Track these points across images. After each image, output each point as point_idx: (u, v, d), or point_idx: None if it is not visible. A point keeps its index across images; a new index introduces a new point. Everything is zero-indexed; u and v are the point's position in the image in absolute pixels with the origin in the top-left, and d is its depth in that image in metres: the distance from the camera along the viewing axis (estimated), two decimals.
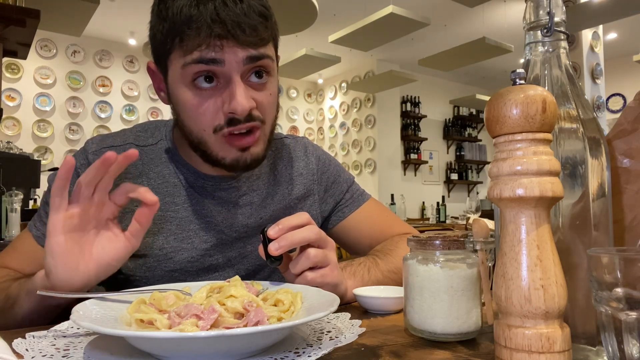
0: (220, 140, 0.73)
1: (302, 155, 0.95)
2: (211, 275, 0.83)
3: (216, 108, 0.71)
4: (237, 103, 0.69)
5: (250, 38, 0.69)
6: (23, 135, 5.41)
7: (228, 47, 0.68)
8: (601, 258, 0.38)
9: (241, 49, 0.69)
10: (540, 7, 0.49)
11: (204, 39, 0.67)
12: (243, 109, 0.69)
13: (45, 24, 3.32)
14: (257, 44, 0.70)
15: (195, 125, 0.73)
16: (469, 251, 0.54)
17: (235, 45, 0.68)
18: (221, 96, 0.71)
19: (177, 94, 0.73)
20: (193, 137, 0.75)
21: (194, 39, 0.67)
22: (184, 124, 0.75)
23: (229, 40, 0.68)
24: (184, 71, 0.70)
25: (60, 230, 0.59)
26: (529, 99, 0.39)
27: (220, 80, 0.71)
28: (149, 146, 0.84)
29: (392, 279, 0.81)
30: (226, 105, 0.70)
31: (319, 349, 0.44)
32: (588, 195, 0.46)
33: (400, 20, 4.13)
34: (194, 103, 0.71)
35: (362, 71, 7.07)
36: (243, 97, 0.69)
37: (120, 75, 6.06)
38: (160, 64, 0.75)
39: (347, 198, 0.97)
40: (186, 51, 0.69)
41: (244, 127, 0.71)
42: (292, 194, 0.91)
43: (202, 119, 0.72)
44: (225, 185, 0.84)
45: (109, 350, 0.46)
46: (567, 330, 0.39)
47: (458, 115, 8.09)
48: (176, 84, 0.73)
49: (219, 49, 0.68)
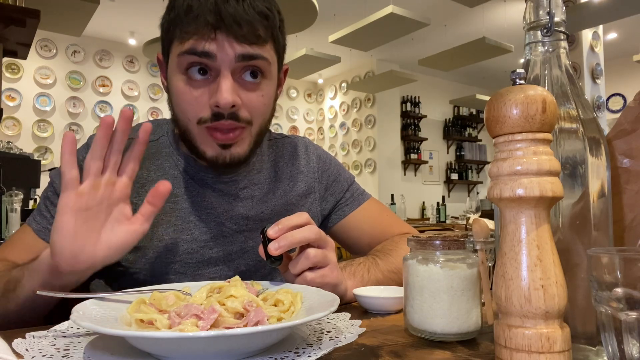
0: (204, 132, 0.75)
1: (303, 153, 0.96)
2: (211, 269, 0.82)
3: (203, 99, 0.73)
4: (221, 96, 0.70)
5: (245, 33, 0.70)
6: (23, 135, 5.41)
7: (221, 40, 0.70)
8: (601, 258, 0.38)
9: (236, 43, 0.71)
10: (540, 7, 0.49)
11: (198, 28, 0.70)
12: (226, 102, 0.70)
13: (45, 24, 3.32)
14: (252, 41, 0.71)
15: (182, 114, 0.76)
16: (469, 251, 0.54)
17: (229, 38, 0.70)
18: (209, 88, 0.73)
19: (172, 82, 0.76)
20: (180, 126, 0.78)
21: (189, 26, 0.70)
22: (174, 113, 0.78)
23: (222, 33, 0.70)
24: (179, 60, 0.73)
25: (70, 208, 0.58)
26: (529, 99, 0.39)
27: (212, 73, 0.73)
28: (150, 142, 0.85)
29: (392, 279, 0.81)
30: (212, 98, 0.72)
31: (319, 349, 0.44)
32: (588, 195, 0.46)
33: (400, 20, 4.13)
34: (184, 91, 0.74)
35: (362, 71, 7.07)
36: (228, 91, 0.71)
37: (120, 75, 6.06)
38: (165, 54, 0.79)
39: (347, 197, 0.98)
40: (182, 39, 0.71)
41: (226, 124, 0.73)
42: (293, 190, 0.91)
43: (188, 108, 0.74)
44: (225, 178, 0.84)
45: (109, 350, 0.46)
46: (567, 330, 0.39)
47: (458, 115, 8.09)
48: (172, 72, 0.76)
49: (211, 40, 0.70)
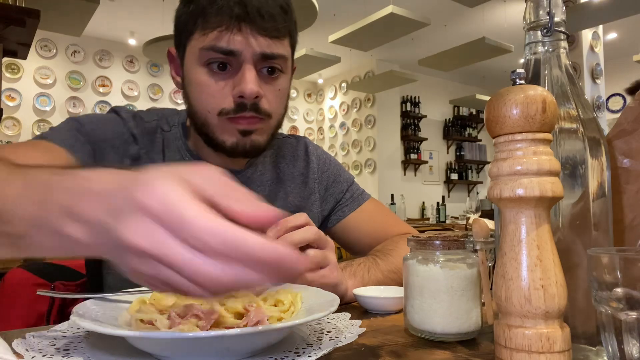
0: (224, 123, 0.75)
1: (303, 154, 0.96)
2: None
3: (225, 91, 0.74)
4: (246, 86, 0.72)
5: (268, 25, 0.72)
6: (23, 135, 5.40)
7: (245, 33, 0.71)
8: (601, 258, 0.38)
9: (260, 36, 0.72)
10: (540, 7, 0.49)
11: (223, 20, 0.70)
12: (251, 92, 0.72)
13: (45, 24, 3.31)
14: (274, 35, 0.73)
15: (201, 106, 0.76)
16: (469, 251, 0.54)
17: (253, 32, 0.71)
18: (232, 80, 0.74)
19: (191, 74, 0.76)
20: (197, 119, 0.78)
21: (214, 17, 0.71)
22: (191, 106, 0.78)
23: (247, 25, 0.71)
24: (200, 53, 0.73)
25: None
26: (529, 99, 0.39)
27: (233, 66, 0.74)
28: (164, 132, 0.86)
29: (392, 279, 0.81)
30: (236, 88, 0.73)
31: (319, 349, 0.44)
32: (588, 195, 0.46)
33: (400, 20, 4.12)
34: (207, 83, 0.74)
35: (362, 71, 7.06)
36: (253, 82, 0.72)
37: (120, 76, 6.05)
38: (179, 47, 0.79)
39: (347, 197, 0.98)
40: (205, 31, 0.72)
41: (247, 115, 0.74)
42: (295, 192, 0.91)
43: (210, 100, 0.75)
44: None
45: (109, 350, 0.46)
46: (567, 330, 0.39)
47: (458, 115, 8.08)
48: (191, 64, 0.76)
49: (235, 32, 0.71)
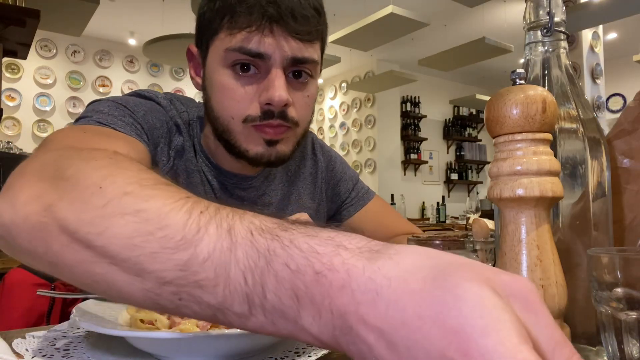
0: (249, 130, 0.70)
1: (310, 153, 0.94)
2: None
3: (251, 97, 0.69)
4: (275, 93, 0.66)
5: (300, 27, 0.67)
6: (23, 135, 5.40)
7: (276, 36, 0.66)
8: (601, 258, 0.38)
9: (291, 39, 0.67)
10: (540, 7, 0.49)
11: (253, 20, 0.65)
12: (280, 99, 0.67)
13: (45, 24, 3.31)
14: (306, 38, 0.68)
15: (225, 111, 0.70)
16: (468, 251, 0.54)
17: (284, 34, 0.66)
18: (258, 84, 0.69)
19: (214, 76, 0.71)
20: (219, 125, 0.72)
21: (243, 17, 0.66)
22: (212, 110, 0.73)
23: (278, 27, 0.66)
24: (226, 54, 0.68)
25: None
26: (529, 99, 0.39)
27: (260, 69, 0.69)
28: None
29: None
30: (263, 94, 0.68)
31: (319, 349, 0.44)
32: (588, 195, 0.46)
33: (400, 20, 4.12)
34: (232, 87, 0.69)
35: (362, 71, 7.06)
36: (282, 88, 0.67)
37: (120, 76, 6.05)
38: (201, 46, 0.74)
39: (352, 197, 0.96)
40: (232, 31, 0.67)
41: (274, 124, 0.69)
42: (306, 192, 0.90)
43: (234, 106, 0.69)
44: (244, 185, 0.82)
45: (109, 350, 0.46)
46: (567, 330, 0.39)
47: (458, 115, 8.08)
48: (214, 65, 0.71)
49: (265, 34, 0.66)
